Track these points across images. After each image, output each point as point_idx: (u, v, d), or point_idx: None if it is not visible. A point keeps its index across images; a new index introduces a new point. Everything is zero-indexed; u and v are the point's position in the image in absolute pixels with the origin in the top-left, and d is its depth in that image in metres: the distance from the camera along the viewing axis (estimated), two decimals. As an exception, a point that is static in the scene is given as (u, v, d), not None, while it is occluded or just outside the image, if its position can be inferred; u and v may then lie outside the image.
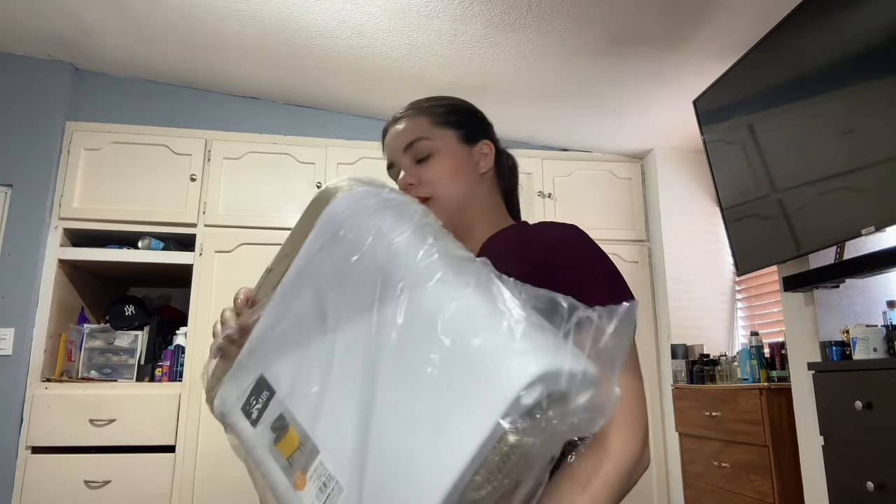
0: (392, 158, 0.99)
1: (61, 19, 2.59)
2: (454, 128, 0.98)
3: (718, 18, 2.22)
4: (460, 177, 0.95)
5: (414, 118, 0.99)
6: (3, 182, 2.74)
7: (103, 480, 2.52)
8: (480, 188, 0.99)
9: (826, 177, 1.96)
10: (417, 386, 0.55)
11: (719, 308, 3.20)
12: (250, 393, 0.67)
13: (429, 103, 1.01)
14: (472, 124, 1.01)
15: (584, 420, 0.54)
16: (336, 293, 0.64)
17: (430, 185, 0.94)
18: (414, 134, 0.96)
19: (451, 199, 0.94)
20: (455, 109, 1.01)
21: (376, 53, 2.66)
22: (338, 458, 0.58)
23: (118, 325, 2.85)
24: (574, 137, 3.29)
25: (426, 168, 0.95)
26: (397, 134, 0.99)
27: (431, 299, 0.58)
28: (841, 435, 1.84)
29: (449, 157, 0.95)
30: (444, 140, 0.97)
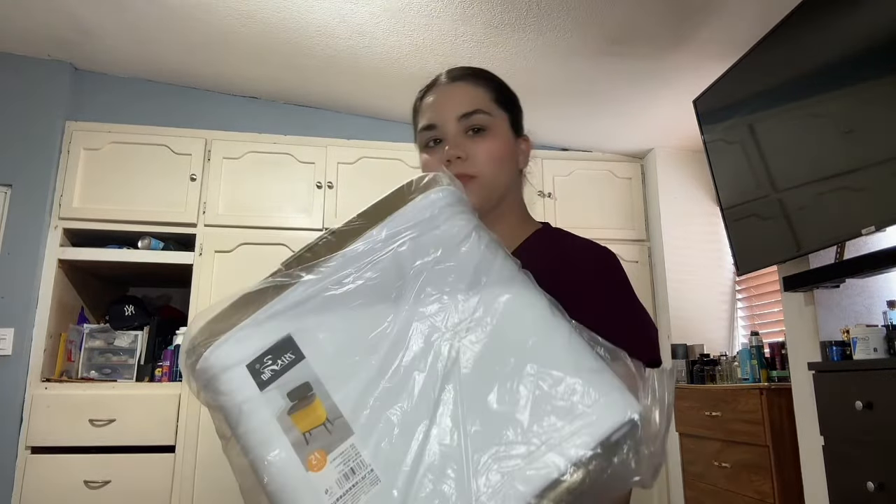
0: (438, 121, 0.89)
1: (61, 19, 2.59)
2: (508, 111, 0.92)
3: (718, 18, 2.22)
4: (506, 164, 0.89)
5: (475, 86, 0.90)
6: (3, 182, 2.74)
7: (103, 480, 2.52)
8: (517, 183, 0.95)
9: (826, 177, 1.96)
10: (500, 403, 0.54)
11: (719, 308, 3.20)
12: (266, 352, 0.57)
13: (486, 76, 0.93)
14: (518, 114, 0.96)
15: (625, 475, 0.53)
16: (416, 281, 0.59)
17: (477, 165, 0.86)
18: (475, 104, 0.88)
19: (495, 184, 0.87)
20: (508, 91, 0.95)
21: (376, 53, 2.66)
22: (378, 447, 0.53)
23: (118, 325, 2.85)
24: (574, 137, 3.29)
25: (477, 144, 0.87)
26: (454, 97, 0.89)
27: (528, 318, 0.57)
28: (841, 435, 1.84)
29: (502, 140, 0.89)
30: (499, 120, 0.90)
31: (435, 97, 0.91)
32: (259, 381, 0.56)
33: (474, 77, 0.92)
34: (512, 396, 0.54)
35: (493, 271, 0.60)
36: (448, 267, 0.60)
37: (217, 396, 0.57)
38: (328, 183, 3.01)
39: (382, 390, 0.55)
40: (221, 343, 0.58)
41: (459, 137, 0.87)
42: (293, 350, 0.57)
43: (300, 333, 0.58)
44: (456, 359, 0.55)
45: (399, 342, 0.57)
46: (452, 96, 0.89)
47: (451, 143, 0.86)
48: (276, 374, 0.56)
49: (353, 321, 0.58)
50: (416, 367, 0.56)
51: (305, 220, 2.96)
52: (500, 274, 0.60)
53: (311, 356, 0.57)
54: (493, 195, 0.88)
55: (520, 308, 0.58)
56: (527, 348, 0.56)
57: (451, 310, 0.58)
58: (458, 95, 0.89)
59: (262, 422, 0.55)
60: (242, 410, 0.55)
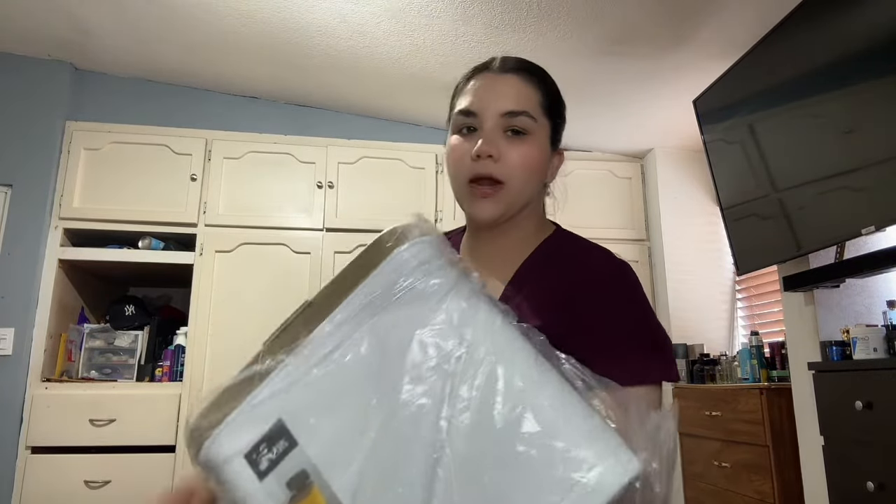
0: (478, 109, 0.83)
1: (61, 19, 2.59)
2: (552, 121, 0.86)
3: (718, 18, 2.22)
4: (536, 176, 0.85)
5: (528, 85, 0.84)
6: (3, 182, 2.74)
7: (103, 480, 2.52)
8: (541, 195, 0.91)
9: (826, 177, 1.96)
10: (494, 483, 0.53)
11: (719, 308, 3.20)
12: (261, 440, 0.57)
13: (543, 77, 0.87)
14: (560, 127, 0.90)
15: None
16: (399, 349, 0.58)
17: (509, 169, 0.81)
18: (524, 105, 0.82)
19: (519, 194, 0.83)
20: (558, 99, 0.89)
21: (377, 53, 2.66)
22: None
23: (118, 325, 2.85)
24: (574, 137, 3.29)
25: (513, 147, 0.81)
26: (504, 90, 0.83)
27: (517, 384, 0.56)
28: (841, 435, 1.84)
29: (538, 149, 0.83)
30: (541, 129, 0.84)
31: (483, 83, 0.85)
32: (257, 471, 0.56)
33: (530, 74, 0.86)
34: (505, 475, 0.53)
35: (477, 328, 0.58)
36: (431, 331, 0.58)
37: (221, 486, 0.57)
38: (328, 183, 3.01)
39: (378, 474, 0.54)
40: (218, 434, 0.58)
41: (496, 134, 0.81)
42: (286, 436, 0.57)
43: (291, 419, 0.57)
44: (447, 435, 0.54)
45: (389, 419, 0.56)
46: (502, 89, 0.83)
47: (486, 137, 0.81)
48: (272, 462, 0.56)
49: (340, 400, 0.58)
50: (409, 447, 0.55)
51: (306, 220, 2.96)
52: (483, 331, 0.58)
53: (304, 441, 0.56)
54: (515, 205, 0.84)
55: (505, 370, 0.56)
56: (515, 416, 0.54)
57: (437, 381, 0.56)
58: (508, 89, 0.83)
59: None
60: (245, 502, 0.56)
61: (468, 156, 0.81)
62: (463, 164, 0.82)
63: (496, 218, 0.83)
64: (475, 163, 0.81)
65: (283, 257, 2.89)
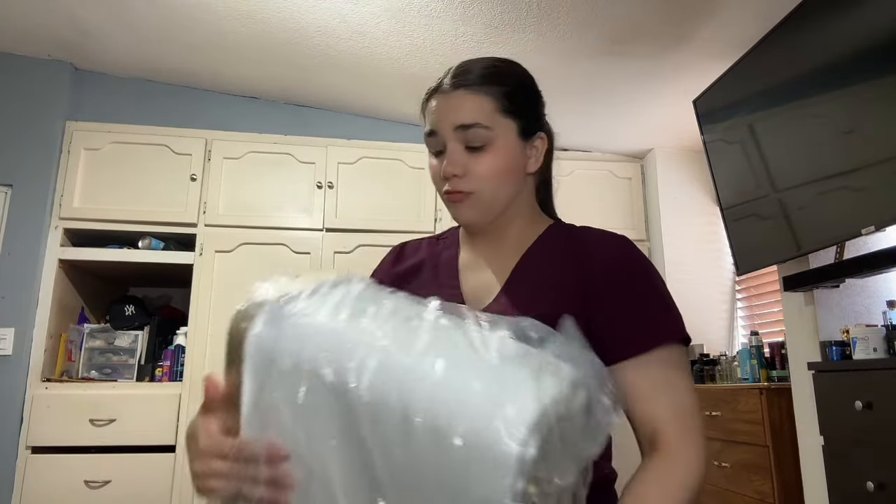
0: (437, 129, 0.85)
1: (61, 19, 2.59)
2: (516, 118, 0.86)
3: (718, 18, 2.22)
4: (509, 177, 0.86)
5: (476, 96, 0.84)
6: (3, 182, 2.74)
7: (103, 480, 2.52)
8: (525, 187, 0.91)
9: (826, 177, 1.96)
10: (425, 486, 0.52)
11: (719, 308, 3.20)
12: None
13: (496, 80, 0.86)
14: (533, 114, 0.90)
15: (593, 423, 0.54)
16: (301, 430, 0.57)
17: (476, 181, 0.84)
18: (474, 117, 0.83)
19: (495, 200, 0.85)
20: (521, 93, 0.88)
21: (376, 53, 2.66)
22: None
23: (118, 325, 2.85)
24: (574, 137, 3.29)
25: (477, 160, 0.83)
26: (453, 107, 0.84)
27: (395, 400, 0.53)
28: (841, 435, 1.84)
29: (504, 155, 0.84)
30: (503, 131, 0.85)
31: (437, 103, 0.87)
32: None
33: (479, 84, 0.85)
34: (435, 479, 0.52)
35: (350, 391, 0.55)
36: (315, 406, 0.56)
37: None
38: (328, 183, 3.01)
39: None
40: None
41: (458, 152, 0.84)
42: None
43: None
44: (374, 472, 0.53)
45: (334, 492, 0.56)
46: (453, 108, 0.84)
47: (449, 158, 0.84)
48: None
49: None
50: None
51: (305, 220, 2.96)
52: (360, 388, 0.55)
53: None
54: (491, 210, 0.86)
55: (401, 392, 0.53)
56: (424, 427, 0.52)
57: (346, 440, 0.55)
58: (456, 106, 0.84)
59: None
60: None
61: (439, 175, 0.86)
62: (438, 182, 0.88)
63: (476, 221, 0.87)
64: (446, 181, 0.86)
65: (282, 257, 2.89)
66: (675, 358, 0.78)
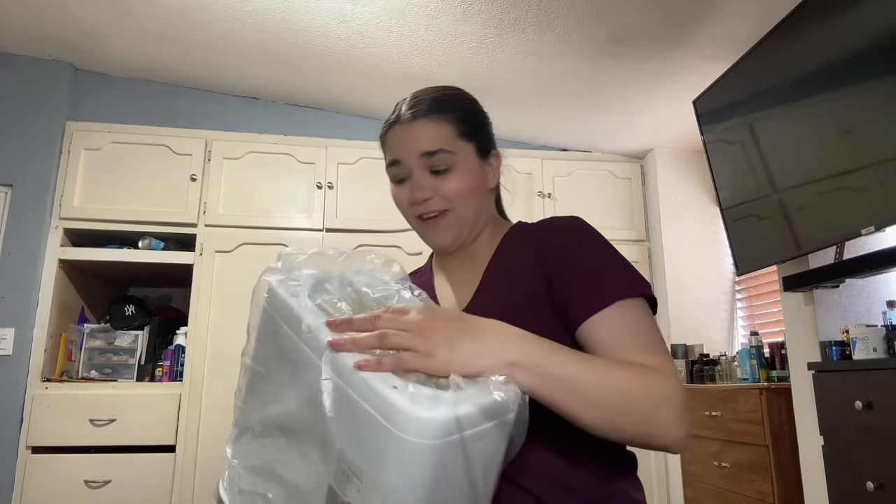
0: (401, 158, 0.90)
1: (61, 19, 2.59)
2: (473, 140, 0.93)
3: (719, 18, 2.22)
4: (476, 194, 0.92)
5: (435, 123, 0.90)
6: (3, 182, 2.74)
7: (103, 480, 2.52)
8: (490, 200, 0.98)
9: (826, 177, 1.96)
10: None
11: (719, 308, 3.20)
12: None
13: (450, 106, 0.92)
14: (486, 136, 0.97)
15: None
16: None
17: (447, 201, 0.89)
18: (436, 143, 0.88)
19: (467, 215, 0.91)
20: (474, 117, 0.95)
21: (376, 53, 2.66)
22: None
23: (118, 325, 2.85)
24: (574, 137, 3.29)
25: (444, 182, 0.89)
26: (415, 137, 0.89)
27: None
28: (841, 435, 1.84)
29: (467, 174, 0.90)
30: (464, 154, 0.91)
31: (397, 134, 0.91)
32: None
33: (436, 112, 0.90)
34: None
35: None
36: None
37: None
38: (328, 183, 3.01)
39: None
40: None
41: (424, 178, 0.89)
42: None
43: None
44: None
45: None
46: (414, 138, 0.89)
47: (416, 183, 0.89)
48: None
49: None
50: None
51: (305, 221, 2.96)
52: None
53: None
54: (464, 228, 0.92)
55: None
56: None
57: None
58: (418, 135, 0.89)
59: None
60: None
61: (407, 202, 0.91)
62: (406, 209, 0.92)
63: (451, 242, 0.92)
64: (415, 206, 0.90)
65: (283, 257, 2.88)
66: (635, 309, 0.79)
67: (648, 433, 0.69)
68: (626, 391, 0.68)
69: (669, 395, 0.69)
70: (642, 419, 0.68)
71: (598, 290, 0.79)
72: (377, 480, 0.56)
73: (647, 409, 0.69)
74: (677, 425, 0.69)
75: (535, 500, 0.74)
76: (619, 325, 0.77)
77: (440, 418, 0.54)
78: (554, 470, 0.76)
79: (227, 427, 0.78)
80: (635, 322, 0.78)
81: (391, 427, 0.54)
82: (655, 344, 0.77)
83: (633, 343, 0.76)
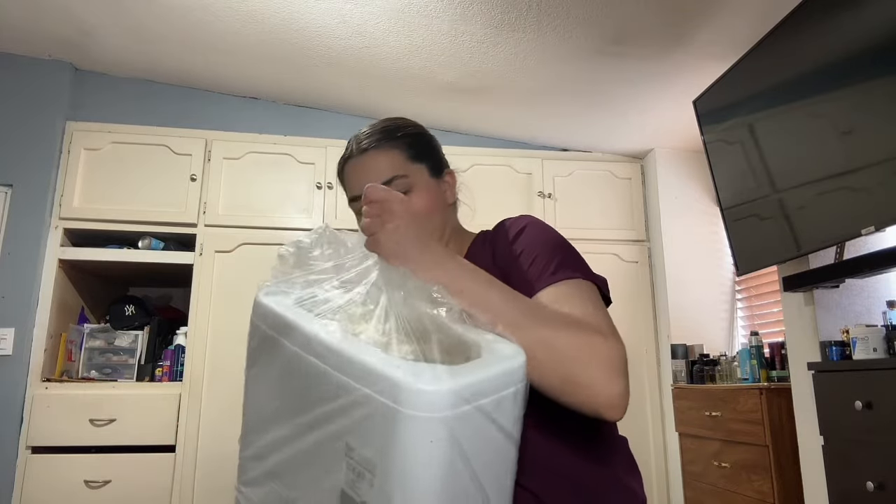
0: (360, 192, 0.92)
1: (61, 19, 2.59)
2: (424, 161, 0.97)
3: (719, 18, 2.22)
4: (436, 211, 0.96)
5: (386, 151, 0.95)
6: (3, 182, 2.74)
7: (103, 480, 2.52)
8: (451, 215, 1.01)
9: (826, 177, 1.96)
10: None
11: (719, 308, 3.20)
12: None
13: (396, 134, 0.97)
14: (436, 155, 1.01)
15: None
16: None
17: None
18: (391, 171, 0.93)
19: (431, 233, 0.93)
20: (421, 140, 1.00)
21: (376, 53, 2.66)
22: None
23: (118, 325, 2.85)
24: (574, 137, 3.29)
25: None
26: (369, 168, 0.94)
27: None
28: (841, 435, 1.84)
29: (425, 194, 0.95)
30: (418, 175, 0.95)
31: (353, 170, 0.96)
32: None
33: (385, 140, 0.95)
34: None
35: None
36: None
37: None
38: (328, 183, 3.01)
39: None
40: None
41: None
42: None
43: None
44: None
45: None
46: (367, 168, 0.94)
47: None
48: None
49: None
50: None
51: (305, 221, 2.96)
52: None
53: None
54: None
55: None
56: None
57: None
58: (372, 166, 0.94)
59: None
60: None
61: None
62: None
63: None
64: None
65: (283, 257, 2.88)
66: (583, 289, 0.77)
67: (573, 387, 0.65)
68: (553, 336, 0.66)
69: (603, 353, 0.66)
70: (567, 370, 0.65)
71: (546, 268, 0.79)
72: (390, 469, 0.52)
73: (574, 360, 0.65)
74: (608, 385, 0.65)
75: (534, 498, 0.74)
76: (565, 297, 0.76)
77: (445, 388, 0.52)
78: (546, 459, 0.76)
79: (227, 427, 0.79)
80: (583, 297, 0.76)
81: (395, 406, 0.52)
82: (602, 317, 0.74)
83: (578, 311, 0.73)
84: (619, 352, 0.68)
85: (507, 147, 3.26)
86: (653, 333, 3.17)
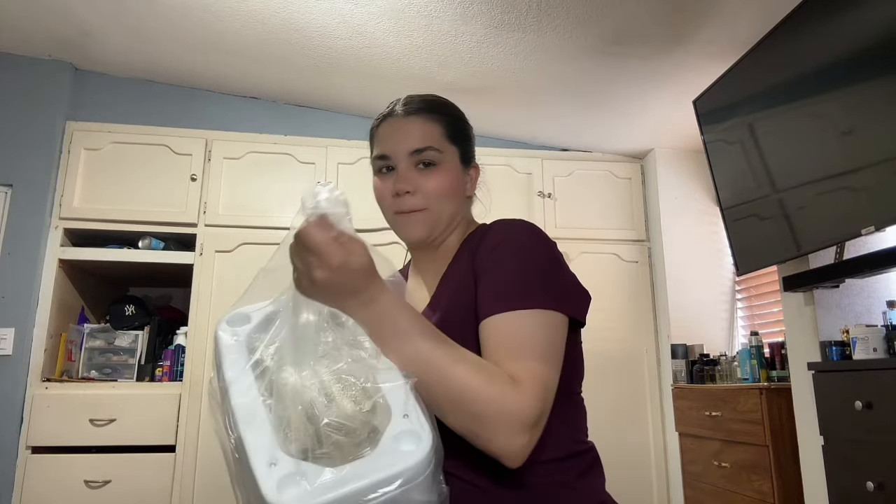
0: (390, 153, 0.93)
1: (61, 19, 2.59)
2: (459, 145, 0.97)
3: (719, 18, 2.22)
4: (454, 197, 0.95)
5: (428, 122, 0.94)
6: (3, 182, 2.74)
7: (103, 480, 2.52)
8: (465, 207, 1.01)
9: (826, 177, 1.96)
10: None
11: (719, 308, 3.20)
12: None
13: (441, 110, 0.97)
14: (469, 146, 1.01)
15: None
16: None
17: (426, 199, 0.92)
18: (426, 141, 0.92)
19: (441, 216, 0.93)
20: (462, 125, 1.00)
21: (376, 53, 2.66)
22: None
23: (118, 324, 2.85)
24: (574, 137, 3.29)
25: (427, 179, 0.92)
26: (407, 133, 0.93)
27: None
28: (841, 435, 1.84)
29: (450, 175, 0.94)
30: (449, 155, 0.95)
31: (390, 128, 0.95)
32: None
33: (429, 112, 0.95)
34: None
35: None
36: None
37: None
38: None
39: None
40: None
41: (410, 171, 0.92)
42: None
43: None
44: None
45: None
46: (406, 131, 0.93)
47: (400, 177, 0.92)
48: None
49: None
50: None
51: (305, 220, 2.96)
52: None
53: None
54: (438, 226, 0.94)
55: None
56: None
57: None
58: (411, 130, 0.93)
59: None
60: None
61: (389, 193, 0.93)
62: (386, 201, 0.94)
63: (424, 237, 0.94)
64: (396, 199, 0.92)
65: (283, 257, 2.88)
66: (535, 321, 0.77)
67: (476, 437, 0.69)
68: (462, 387, 0.69)
69: (509, 409, 0.68)
70: (470, 426, 0.69)
71: (504, 294, 0.79)
72: None
73: (478, 413, 0.68)
74: (508, 442, 0.68)
75: (478, 490, 0.76)
76: (506, 332, 0.76)
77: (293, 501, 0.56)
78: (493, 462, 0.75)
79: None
80: (525, 332, 0.76)
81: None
82: (536, 358, 0.74)
83: (510, 352, 0.74)
84: (526, 409, 0.69)
85: (507, 147, 3.26)
86: (653, 333, 3.17)
